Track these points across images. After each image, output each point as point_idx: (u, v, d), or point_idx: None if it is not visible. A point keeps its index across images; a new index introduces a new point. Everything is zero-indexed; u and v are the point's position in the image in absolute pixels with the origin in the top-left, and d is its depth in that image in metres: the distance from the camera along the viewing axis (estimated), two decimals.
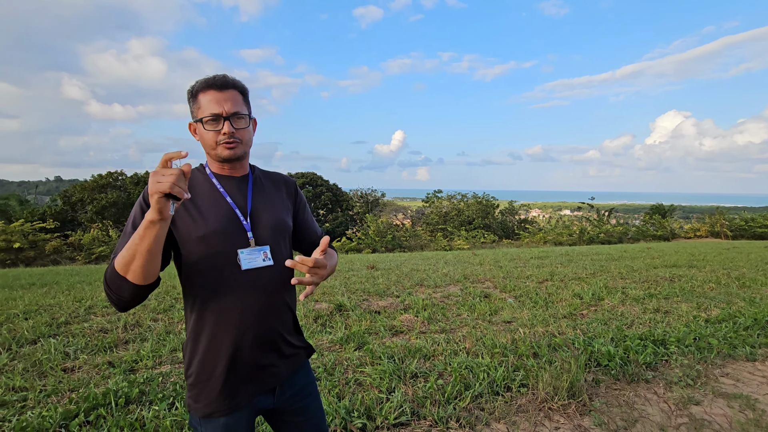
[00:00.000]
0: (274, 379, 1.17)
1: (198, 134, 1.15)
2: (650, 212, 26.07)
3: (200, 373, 1.09)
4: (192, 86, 1.15)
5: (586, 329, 3.84)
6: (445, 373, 2.88)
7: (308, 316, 4.48)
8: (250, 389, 1.13)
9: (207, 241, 1.08)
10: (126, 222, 1.08)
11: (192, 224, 1.08)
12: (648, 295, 5.31)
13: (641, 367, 2.90)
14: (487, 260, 9.64)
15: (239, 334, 1.10)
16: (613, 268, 7.87)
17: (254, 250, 1.12)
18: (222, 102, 1.11)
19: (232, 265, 1.09)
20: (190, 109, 1.16)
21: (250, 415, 1.16)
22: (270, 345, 1.16)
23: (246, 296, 1.10)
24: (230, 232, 1.11)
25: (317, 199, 30.43)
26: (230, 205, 1.15)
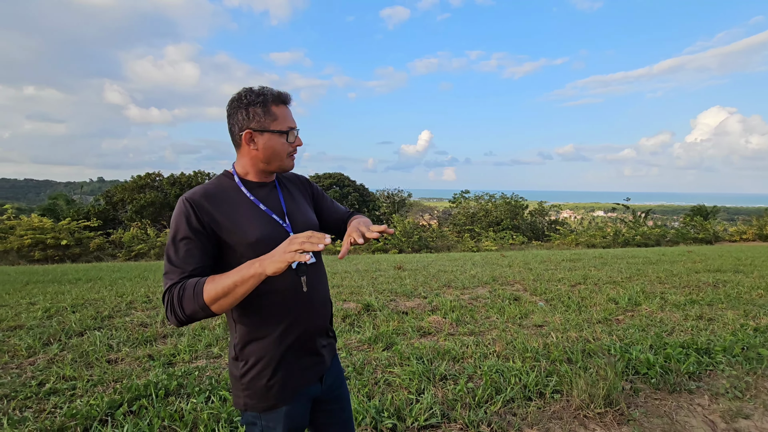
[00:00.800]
0: (322, 366, 1.27)
1: (264, 145, 1.18)
2: (691, 214, 24.78)
3: (262, 371, 1.14)
4: (260, 96, 1.16)
5: (622, 335, 3.70)
6: (475, 376, 2.85)
7: (336, 315, 4.53)
8: (306, 377, 1.23)
9: (258, 246, 1.12)
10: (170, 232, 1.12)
11: (240, 233, 1.13)
12: (689, 302, 5.05)
13: (683, 376, 2.76)
14: (516, 262, 9.45)
15: (296, 329, 1.18)
16: (651, 272, 7.54)
17: None
18: (291, 117, 1.22)
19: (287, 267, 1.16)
20: (253, 118, 1.16)
21: (306, 402, 1.24)
22: (319, 335, 1.26)
23: (298, 293, 1.18)
24: (276, 236, 1.16)
25: (344, 199, 30.70)
26: (266, 211, 1.21)
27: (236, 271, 1.00)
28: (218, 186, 1.20)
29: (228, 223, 1.13)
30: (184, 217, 1.10)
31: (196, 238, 1.09)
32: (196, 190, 1.15)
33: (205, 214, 1.11)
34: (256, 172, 1.24)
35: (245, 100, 1.16)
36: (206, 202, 1.13)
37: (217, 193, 1.17)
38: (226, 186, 1.21)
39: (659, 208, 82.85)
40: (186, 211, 1.10)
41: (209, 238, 1.11)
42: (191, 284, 1.02)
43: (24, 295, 6.05)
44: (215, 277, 1.02)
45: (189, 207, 1.10)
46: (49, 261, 14.21)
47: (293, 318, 1.18)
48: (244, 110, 1.16)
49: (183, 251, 1.08)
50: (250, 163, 1.23)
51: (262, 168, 1.23)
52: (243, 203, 1.19)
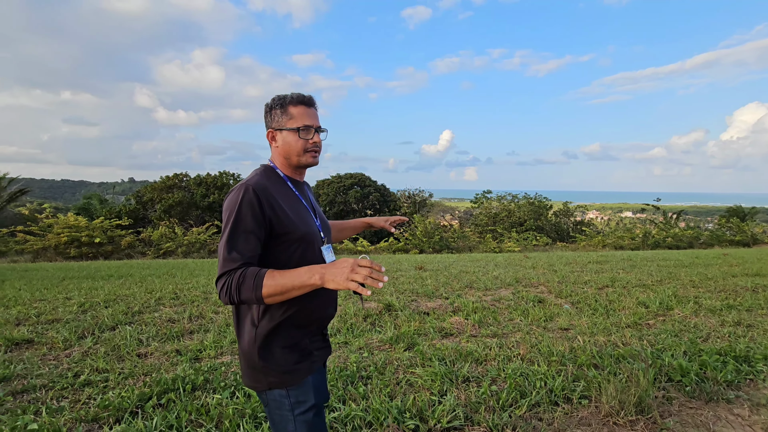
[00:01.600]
0: (328, 349, 1.42)
1: (282, 141, 1.30)
2: (726, 215, 23.66)
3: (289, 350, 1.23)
4: (280, 99, 1.30)
5: (653, 340, 3.56)
6: (499, 379, 2.79)
7: (357, 314, 4.54)
8: (321, 356, 1.36)
9: (304, 239, 1.24)
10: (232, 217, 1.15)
11: (291, 224, 1.22)
12: (726, 307, 4.82)
13: (721, 385, 2.63)
14: (540, 264, 9.25)
15: (322, 316, 1.32)
16: (684, 275, 7.23)
17: (327, 247, 1.34)
18: (312, 116, 1.31)
19: (319, 259, 1.28)
20: (274, 119, 1.30)
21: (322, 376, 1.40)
22: (328, 321, 1.39)
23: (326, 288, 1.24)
24: (315, 232, 1.30)
25: (365, 199, 30.82)
26: (307, 207, 1.34)
27: (296, 275, 1.07)
28: (271, 178, 1.29)
29: (283, 216, 1.21)
30: (250, 207, 1.15)
31: (259, 228, 1.16)
32: (258, 180, 1.22)
33: (267, 205, 1.17)
34: (287, 169, 1.35)
35: (271, 104, 1.31)
36: (270, 193, 1.20)
37: (272, 185, 1.26)
38: (273, 178, 1.30)
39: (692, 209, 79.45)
40: (252, 200, 1.15)
41: (266, 228, 1.18)
42: (251, 274, 1.08)
43: (61, 290, 6.33)
44: (274, 274, 1.08)
45: (255, 196, 1.16)
46: (83, 258, 14.85)
47: (317, 304, 1.27)
48: (269, 113, 1.32)
49: (245, 239, 1.13)
50: (279, 160, 1.35)
51: (286, 164, 1.34)
52: (292, 197, 1.30)
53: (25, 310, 4.84)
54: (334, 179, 32.07)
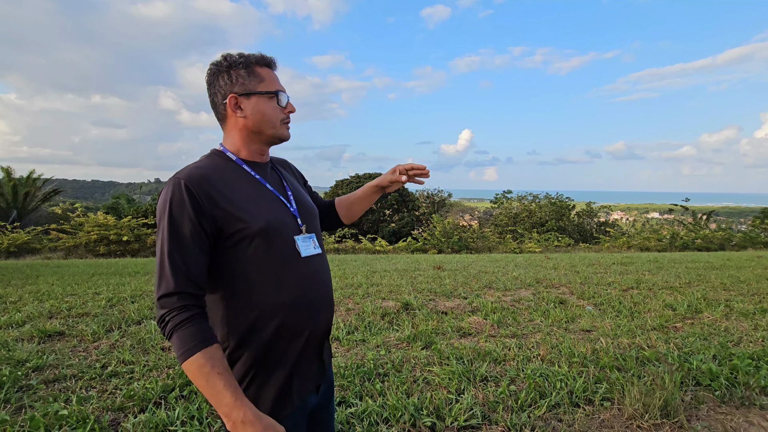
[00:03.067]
0: (322, 374, 1.12)
1: (252, 110, 1.03)
2: (761, 216, 22.59)
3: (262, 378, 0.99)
4: (242, 57, 1.03)
5: (680, 344, 3.43)
6: (518, 380, 2.75)
7: (375, 313, 4.56)
8: (307, 386, 1.06)
9: (267, 232, 0.98)
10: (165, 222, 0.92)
11: (244, 217, 0.97)
12: (760, 310, 4.61)
13: (753, 390, 2.52)
14: (561, 264, 9.05)
15: (302, 329, 1.03)
16: (714, 277, 6.95)
17: (306, 237, 1.07)
18: (279, 81, 1.08)
19: (293, 254, 1.02)
20: (237, 81, 1.03)
21: (305, 415, 1.08)
22: (323, 337, 1.10)
23: (307, 288, 1.03)
24: (285, 220, 1.04)
25: (384, 199, 30.86)
26: (273, 192, 1.07)
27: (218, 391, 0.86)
28: (212, 166, 1.02)
29: (232, 209, 0.96)
30: (182, 209, 0.92)
31: (198, 233, 0.93)
32: (191, 171, 0.96)
33: (206, 201, 0.93)
34: (249, 149, 1.08)
35: (226, 63, 1.03)
36: (210, 184, 0.95)
37: (213, 174, 0.99)
38: (221, 166, 1.03)
39: (723, 209, 76.33)
40: (184, 200, 0.92)
41: (210, 230, 0.95)
42: (191, 334, 0.88)
43: (90, 285, 6.58)
44: (208, 363, 0.86)
45: (188, 194, 0.92)
46: (111, 255, 15.40)
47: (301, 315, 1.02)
48: (225, 74, 1.03)
49: (184, 252, 0.91)
50: (240, 137, 1.06)
51: (254, 140, 1.07)
52: (246, 183, 1.03)
53: (57, 304, 5.05)
54: (353, 179, 32.23)
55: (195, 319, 0.90)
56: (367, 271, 7.86)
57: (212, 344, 0.90)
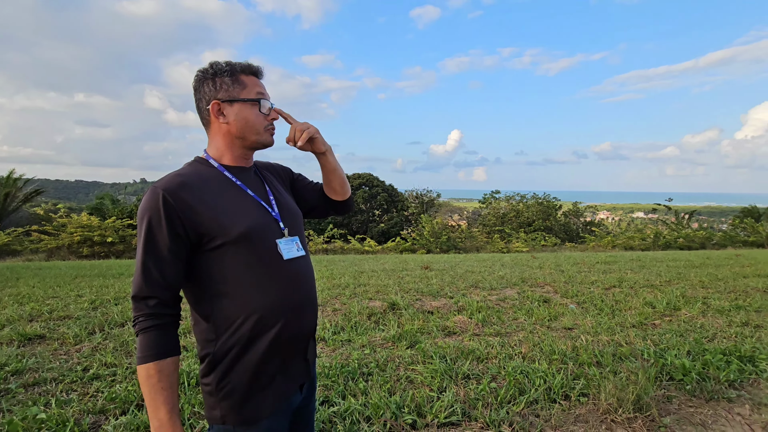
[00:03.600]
0: (306, 373, 1.15)
1: (235, 116, 1.07)
2: (741, 215, 23.20)
3: (245, 379, 1.02)
4: (228, 65, 1.08)
5: (658, 340, 3.53)
6: (499, 377, 2.81)
7: (362, 313, 4.58)
8: (290, 385, 1.10)
9: (247, 238, 1.01)
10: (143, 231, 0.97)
11: (222, 224, 1.00)
12: (735, 307, 4.75)
13: (723, 384, 2.61)
14: (547, 264, 9.19)
15: (286, 329, 1.05)
16: (693, 275, 7.14)
17: (289, 240, 1.10)
18: (264, 89, 1.13)
19: (275, 258, 1.05)
20: (221, 88, 1.07)
21: (288, 414, 1.11)
22: (308, 336, 1.14)
23: (290, 289, 1.06)
24: (267, 224, 1.07)
25: (373, 199, 30.88)
26: (254, 198, 1.10)
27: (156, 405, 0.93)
28: (194, 173, 1.05)
29: (211, 214, 0.99)
30: (160, 218, 0.96)
31: (176, 242, 0.97)
32: (171, 180, 0.99)
33: (184, 210, 0.96)
34: (233, 154, 1.11)
35: (211, 70, 1.07)
36: (188, 194, 0.98)
37: (194, 181, 1.02)
38: (202, 172, 1.07)
39: (705, 209, 78.07)
40: (161, 209, 0.95)
41: (188, 238, 0.98)
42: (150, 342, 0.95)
43: (73, 287, 6.48)
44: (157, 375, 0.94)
45: (164, 204, 0.95)
46: (95, 257, 15.13)
47: (285, 317, 1.04)
48: (210, 81, 1.07)
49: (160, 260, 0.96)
50: (223, 142, 1.10)
51: (238, 145, 1.11)
52: (227, 189, 1.06)
53: (38, 306, 4.97)
54: None
55: (160, 327, 0.97)
56: (355, 272, 7.87)
57: (167, 357, 0.96)
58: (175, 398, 0.96)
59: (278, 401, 1.06)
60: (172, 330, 1.00)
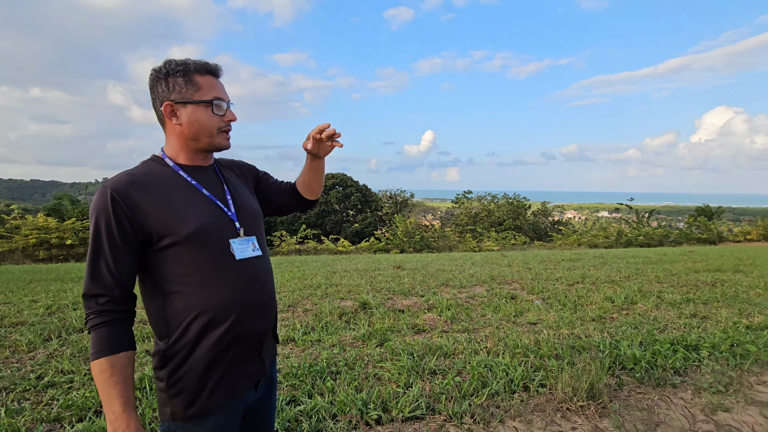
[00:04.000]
0: (261, 372, 1.16)
1: (187, 118, 1.06)
2: (695, 214, 24.63)
3: (194, 377, 1.02)
4: (181, 65, 1.06)
5: (614, 332, 3.72)
6: (464, 371, 2.89)
7: (333, 313, 4.59)
8: (243, 382, 1.11)
9: (197, 237, 1.01)
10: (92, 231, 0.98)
11: (176, 222, 1.00)
12: (685, 300, 5.07)
13: (669, 371, 2.80)
14: (516, 262, 9.46)
15: (238, 328, 1.06)
16: (650, 271, 7.53)
17: (244, 240, 1.10)
18: (221, 89, 1.11)
19: (226, 257, 1.06)
20: (174, 88, 1.05)
21: (239, 411, 1.12)
22: (262, 336, 1.14)
23: (243, 288, 1.07)
24: (219, 224, 1.07)
25: (347, 199, 30.80)
26: (209, 197, 1.09)
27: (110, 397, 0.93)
28: (146, 172, 1.05)
29: (160, 213, 1.00)
30: (108, 217, 0.96)
31: (125, 241, 0.97)
32: (120, 179, 0.99)
33: (133, 209, 0.97)
34: (188, 154, 1.11)
35: (164, 70, 1.05)
36: (134, 192, 0.98)
37: (145, 180, 1.02)
38: (155, 171, 1.07)
39: (664, 208, 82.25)
40: (109, 209, 0.96)
41: (137, 237, 0.99)
42: (102, 338, 0.95)
43: (27, 293, 6.15)
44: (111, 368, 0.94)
45: (112, 203, 0.96)
46: (53, 260, 14.38)
47: (236, 316, 1.05)
48: (163, 81, 1.05)
49: (110, 258, 0.96)
50: (177, 143, 1.10)
51: (192, 147, 1.10)
52: (180, 189, 1.06)
53: None
54: None
55: (111, 323, 0.97)
56: (327, 272, 7.85)
57: (120, 352, 0.97)
58: (129, 392, 0.96)
59: (228, 398, 1.07)
60: (125, 326, 1.00)
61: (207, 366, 1.03)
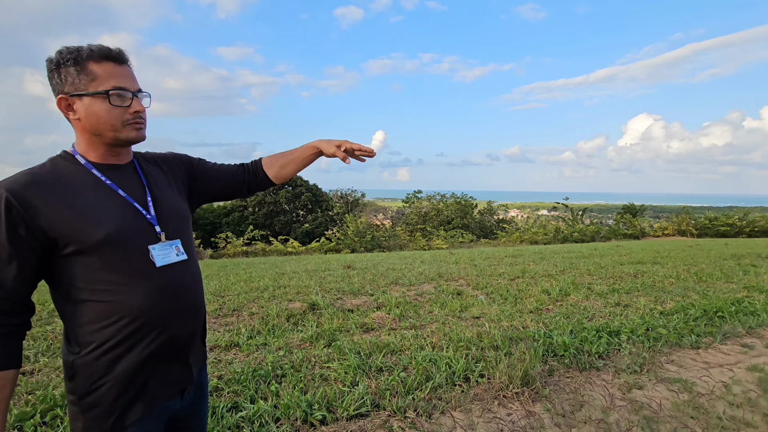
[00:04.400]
0: (187, 379, 1.11)
1: (85, 112, 0.96)
2: (622, 212, 26.95)
3: (107, 389, 0.96)
4: (73, 52, 0.95)
5: (548, 323, 3.99)
6: (410, 367, 2.96)
7: (280, 315, 4.49)
8: (166, 390, 1.05)
9: (109, 242, 0.94)
10: None
11: (85, 229, 0.92)
12: (611, 290, 5.53)
13: (594, 356, 3.06)
14: (462, 259, 9.80)
15: (158, 337, 1.00)
16: (582, 265, 8.14)
17: (165, 245, 1.04)
18: (127, 77, 1.00)
19: (145, 265, 0.99)
20: (66, 80, 0.95)
21: (161, 420, 1.07)
22: (187, 343, 1.09)
23: (165, 295, 1.01)
24: (136, 228, 1.00)
25: (297, 199, 30.21)
26: (125, 198, 1.01)
27: None
28: (53, 171, 0.96)
29: (66, 217, 0.91)
30: (1, 217, 0.86)
31: (19, 249, 0.88)
32: (18, 179, 0.90)
33: (32, 214, 0.88)
34: (98, 150, 1.02)
35: (56, 59, 0.95)
36: (34, 193, 0.89)
37: (48, 180, 0.93)
38: (63, 169, 0.97)
39: (596, 206, 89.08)
40: (5, 209, 0.86)
41: (36, 244, 0.90)
42: None
43: None
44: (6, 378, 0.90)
45: (7, 208, 0.86)
46: None
47: (157, 323, 0.99)
48: (56, 72, 0.96)
49: (3, 268, 0.88)
50: (83, 138, 1.01)
51: (98, 142, 1.01)
52: (91, 190, 0.97)
53: None
54: None
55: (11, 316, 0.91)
56: (276, 274, 7.67)
57: (2, 369, 0.90)
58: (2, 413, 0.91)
59: (148, 408, 1.01)
60: (11, 341, 0.92)
61: (124, 376, 0.97)
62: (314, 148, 1.35)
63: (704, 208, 30.77)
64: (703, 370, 2.85)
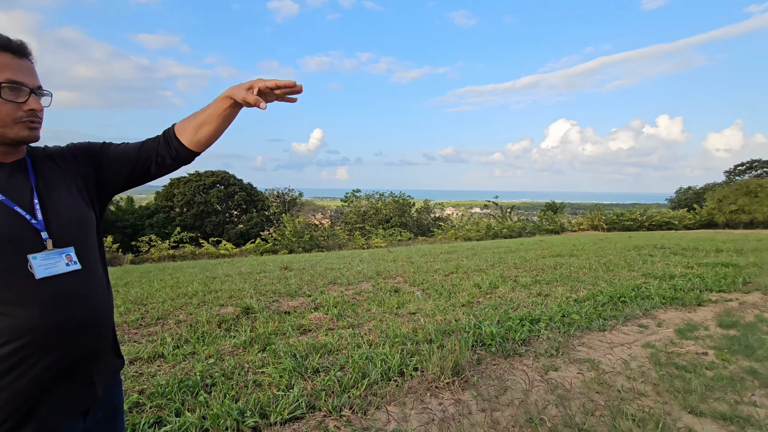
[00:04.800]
0: (89, 398, 1.02)
1: None
2: (545, 209, 29.28)
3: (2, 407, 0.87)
4: None
5: (479, 314, 4.23)
6: (347, 366, 2.97)
7: (211, 321, 4.27)
8: (60, 414, 0.96)
9: None
10: None
11: None
12: (534, 282, 6.00)
13: (517, 343, 3.30)
14: (400, 257, 10.02)
15: (51, 353, 0.91)
16: (510, 259, 8.72)
17: (52, 253, 0.94)
18: (25, 71, 0.93)
19: (23, 277, 0.90)
20: None
21: None
22: (86, 362, 1.00)
23: (51, 311, 0.92)
24: (14, 236, 0.90)
25: (229, 199, 28.78)
26: (4, 202, 0.92)
27: None
28: None
29: None
30: None
31: None
32: None
33: None
34: None
35: None
36: None
37: None
38: None
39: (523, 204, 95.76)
40: None
41: None
42: None
43: None
44: None
45: None
46: None
47: (43, 341, 0.90)
48: None
49: None
50: None
51: None
52: None
53: None
54: (192, 177, 29.10)
55: None
56: (206, 278, 7.26)
57: None
58: None
59: (41, 430, 0.92)
60: None
61: (7, 401, 0.87)
62: (228, 99, 1.13)
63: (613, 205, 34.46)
64: (607, 350, 3.21)
